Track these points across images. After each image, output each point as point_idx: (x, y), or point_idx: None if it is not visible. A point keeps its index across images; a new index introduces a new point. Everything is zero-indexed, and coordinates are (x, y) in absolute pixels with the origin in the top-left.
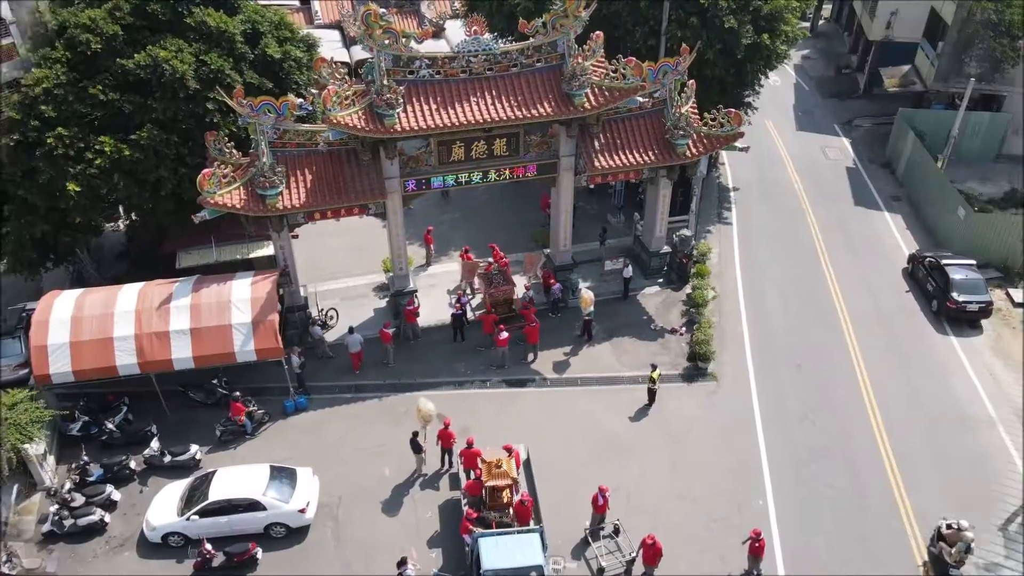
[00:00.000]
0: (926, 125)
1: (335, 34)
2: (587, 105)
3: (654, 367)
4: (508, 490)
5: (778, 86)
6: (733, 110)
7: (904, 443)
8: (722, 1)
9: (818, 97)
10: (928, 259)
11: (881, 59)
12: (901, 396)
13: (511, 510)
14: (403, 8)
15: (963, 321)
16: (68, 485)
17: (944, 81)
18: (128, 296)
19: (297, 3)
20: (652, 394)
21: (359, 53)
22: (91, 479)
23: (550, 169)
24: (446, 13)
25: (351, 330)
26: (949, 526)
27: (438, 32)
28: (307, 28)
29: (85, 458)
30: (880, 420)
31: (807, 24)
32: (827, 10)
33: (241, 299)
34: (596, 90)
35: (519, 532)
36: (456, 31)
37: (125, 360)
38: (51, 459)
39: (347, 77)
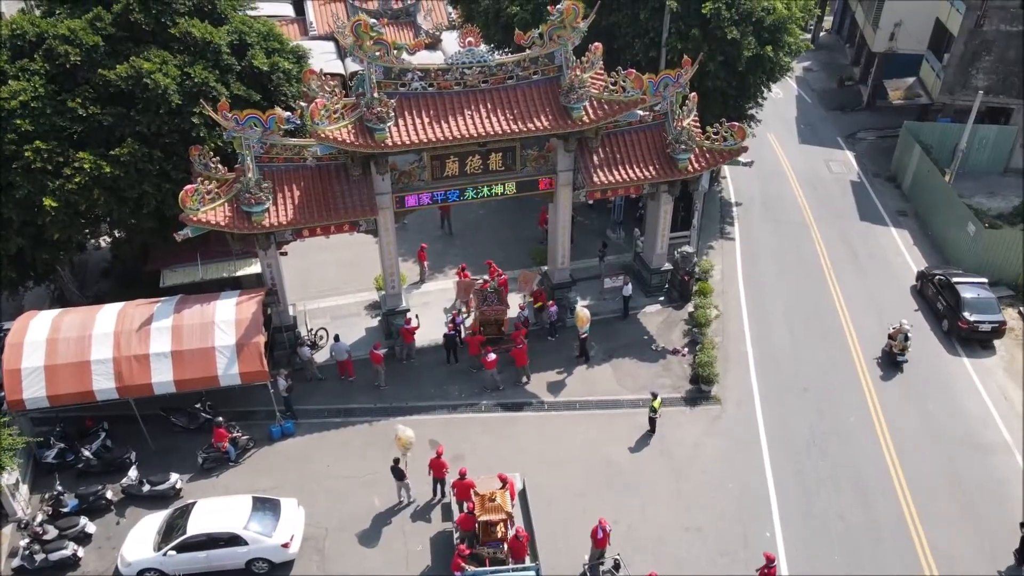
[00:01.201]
0: (931, 138)
1: (330, 45)
2: (585, 119)
3: (655, 395)
4: (502, 524)
5: (780, 98)
6: (736, 123)
7: (917, 470)
8: (724, 12)
9: (821, 110)
10: (938, 277)
11: (885, 71)
12: (913, 420)
13: (505, 545)
14: (399, 19)
15: (975, 341)
16: (40, 517)
17: (950, 93)
18: (107, 317)
19: (292, 14)
20: (653, 423)
21: (353, 65)
22: (65, 510)
23: (530, 186)
24: (442, 24)
25: (336, 338)
26: (893, 327)
27: (434, 43)
28: (302, 39)
29: (59, 488)
30: (892, 445)
31: (808, 36)
32: (828, 22)
33: (225, 320)
34: (595, 103)
35: (514, 569)
36: (452, 43)
37: (103, 384)
38: (24, 489)
39: (337, 90)
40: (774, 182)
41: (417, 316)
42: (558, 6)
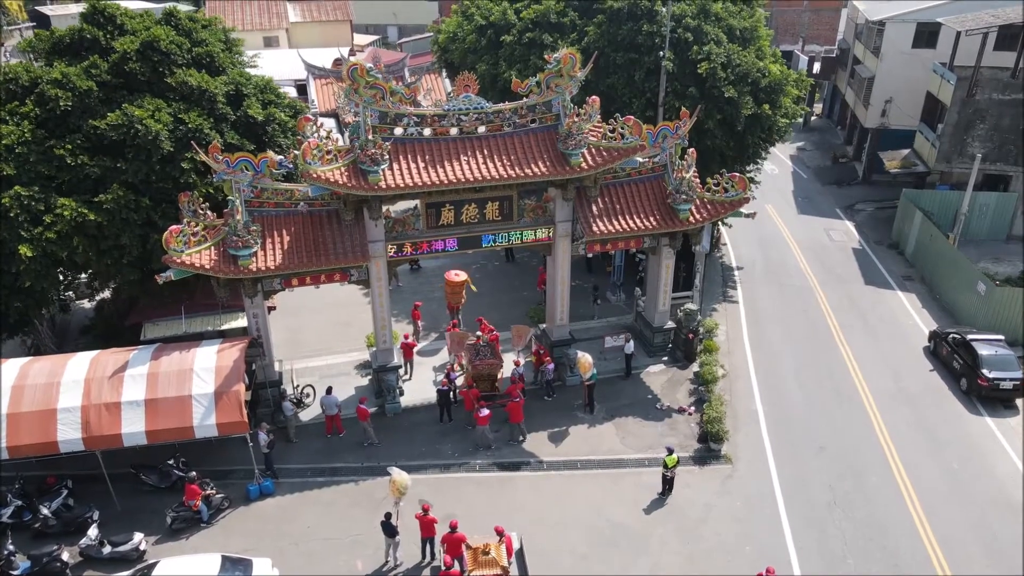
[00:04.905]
0: (931, 205)
1: (331, 122)
2: (584, 165)
3: (670, 451)
4: None
5: (776, 174)
6: (737, 174)
7: (949, 532)
8: (720, 72)
9: (817, 184)
10: (952, 336)
11: (879, 146)
12: (939, 480)
13: None
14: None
15: (996, 400)
16: None
17: (947, 162)
18: (79, 364)
19: (294, 92)
20: (667, 481)
21: None
22: (15, 573)
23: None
24: (441, 102)
25: (329, 390)
26: None
27: None
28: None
29: (11, 547)
30: (919, 506)
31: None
32: (818, 108)
33: (204, 367)
34: (593, 150)
35: None
36: None
37: (68, 435)
38: None
39: (332, 134)
40: (775, 249)
41: (416, 334)
42: (555, 55)
